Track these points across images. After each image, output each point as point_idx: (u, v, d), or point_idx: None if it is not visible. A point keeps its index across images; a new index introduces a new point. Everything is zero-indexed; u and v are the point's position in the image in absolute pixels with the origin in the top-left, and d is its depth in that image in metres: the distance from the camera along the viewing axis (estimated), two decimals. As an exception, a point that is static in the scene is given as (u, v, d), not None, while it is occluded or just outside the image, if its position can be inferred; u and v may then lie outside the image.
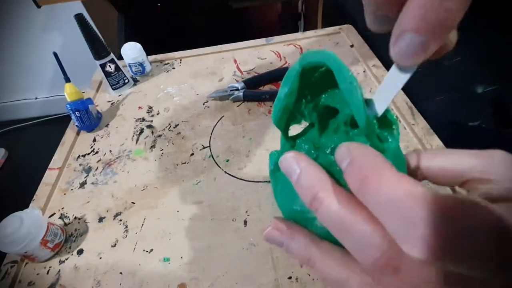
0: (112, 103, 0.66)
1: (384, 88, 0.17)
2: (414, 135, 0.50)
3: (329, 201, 0.15)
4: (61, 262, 0.42)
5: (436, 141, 0.48)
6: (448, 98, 0.53)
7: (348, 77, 0.16)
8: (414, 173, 0.18)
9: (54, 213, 0.47)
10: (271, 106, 0.59)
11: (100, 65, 0.63)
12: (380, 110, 0.17)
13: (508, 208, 0.13)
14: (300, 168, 0.16)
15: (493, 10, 0.46)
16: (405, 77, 0.16)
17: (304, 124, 0.22)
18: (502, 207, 0.13)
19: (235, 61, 0.71)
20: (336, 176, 0.16)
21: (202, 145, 0.54)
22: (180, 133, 0.57)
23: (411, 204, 0.12)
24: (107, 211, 0.46)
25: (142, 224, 0.44)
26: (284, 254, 0.38)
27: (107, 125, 0.60)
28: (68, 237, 0.44)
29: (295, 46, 0.72)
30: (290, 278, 0.36)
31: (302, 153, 0.17)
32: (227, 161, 0.50)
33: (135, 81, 0.70)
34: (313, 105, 0.20)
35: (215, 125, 0.57)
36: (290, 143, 0.22)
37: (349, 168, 0.15)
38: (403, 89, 0.56)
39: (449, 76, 0.53)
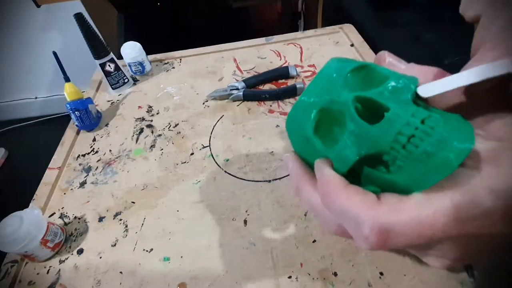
0: (112, 103, 0.65)
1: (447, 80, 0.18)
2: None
3: (304, 191, 0.21)
4: (61, 261, 0.42)
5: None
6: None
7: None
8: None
9: (54, 213, 0.47)
10: (271, 106, 0.59)
11: (100, 64, 0.63)
12: (425, 92, 0.18)
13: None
14: (289, 166, 0.22)
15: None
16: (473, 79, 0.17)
17: None
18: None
19: (235, 60, 0.71)
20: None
21: (202, 145, 0.53)
22: (180, 132, 0.57)
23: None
24: (107, 210, 0.46)
25: (142, 224, 0.44)
26: (284, 253, 0.39)
27: (107, 125, 0.60)
28: (68, 236, 0.44)
29: (295, 45, 0.72)
30: (290, 277, 0.36)
31: (294, 155, 0.22)
32: (227, 160, 0.50)
33: (135, 81, 0.70)
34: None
35: (215, 124, 0.57)
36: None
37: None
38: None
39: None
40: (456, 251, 0.18)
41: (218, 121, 0.57)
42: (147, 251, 0.41)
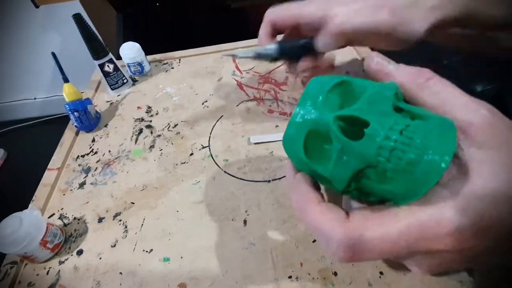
0: (111, 103, 0.65)
1: None
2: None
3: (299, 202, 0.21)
4: (60, 262, 0.41)
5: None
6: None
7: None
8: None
9: (54, 214, 0.47)
10: (270, 106, 0.59)
11: (99, 65, 0.63)
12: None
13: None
14: (287, 176, 0.24)
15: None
16: None
17: None
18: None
19: (234, 60, 0.71)
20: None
21: (202, 145, 0.53)
22: (179, 133, 0.56)
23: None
24: (107, 211, 0.46)
25: (142, 224, 0.44)
26: (284, 253, 0.39)
27: (106, 125, 0.60)
28: (67, 237, 0.44)
29: (294, 45, 0.72)
30: (290, 277, 0.36)
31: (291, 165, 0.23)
32: (227, 160, 0.50)
33: (134, 81, 0.70)
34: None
35: (215, 124, 0.57)
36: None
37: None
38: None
39: (448, 75, 0.53)
40: (430, 263, 0.19)
41: (217, 121, 0.57)
42: (147, 251, 0.41)
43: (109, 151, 0.55)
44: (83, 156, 0.55)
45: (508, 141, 0.17)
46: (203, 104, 0.61)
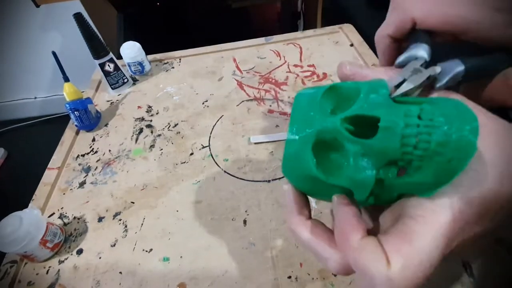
0: (111, 103, 0.65)
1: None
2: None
3: (289, 223, 0.21)
4: (60, 262, 0.41)
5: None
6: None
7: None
8: None
9: (54, 213, 0.47)
10: (270, 106, 0.59)
11: (99, 64, 0.63)
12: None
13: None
14: (287, 199, 0.21)
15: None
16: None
17: None
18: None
19: (234, 60, 0.71)
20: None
21: (202, 145, 0.53)
22: (179, 132, 0.56)
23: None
24: (107, 210, 0.46)
25: (142, 224, 0.44)
26: (283, 253, 0.38)
27: (106, 125, 0.60)
28: (67, 236, 0.44)
29: (294, 45, 0.72)
30: (289, 277, 0.36)
31: (292, 190, 0.21)
32: (227, 160, 0.50)
33: (134, 81, 0.70)
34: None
35: (215, 124, 0.57)
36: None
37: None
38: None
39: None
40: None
41: (217, 121, 0.57)
42: (146, 251, 0.41)
43: (109, 150, 0.55)
44: (83, 155, 0.55)
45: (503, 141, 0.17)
46: (203, 103, 0.61)
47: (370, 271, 0.16)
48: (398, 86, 0.19)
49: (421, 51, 0.21)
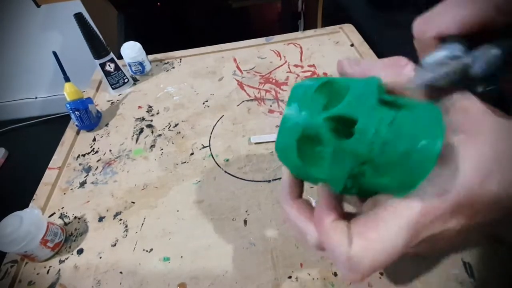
0: (112, 103, 0.65)
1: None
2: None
3: (280, 199, 0.23)
4: (61, 261, 0.42)
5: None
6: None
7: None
8: None
9: (54, 213, 0.47)
10: (271, 106, 0.59)
11: (100, 64, 0.63)
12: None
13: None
14: (282, 179, 0.24)
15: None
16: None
17: None
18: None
19: (235, 60, 0.71)
20: None
21: (202, 145, 0.53)
22: (180, 132, 0.56)
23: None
24: (107, 210, 0.46)
25: (142, 224, 0.44)
26: (284, 253, 0.39)
27: (107, 125, 0.60)
28: (68, 236, 0.44)
29: (295, 45, 0.72)
30: (290, 277, 0.36)
31: (286, 172, 0.24)
32: (227, 160, 0.50)
33: (135, 81, 0.70)
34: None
35: (215, 124, 0.57)
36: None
37: None
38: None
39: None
40: (427, 246, 0.19)
41: (218, 121, 0.57)
42: (147, 251, 0.41)
43: (110, 150, 0.55)
44: (84, 155, 0.55)
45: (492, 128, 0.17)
46: (203, 103, 0.61)
47: (334, 249, 0.18)
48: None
49: (452, 49, 0.18)
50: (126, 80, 0.67)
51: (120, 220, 0.45)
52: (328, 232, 0.18)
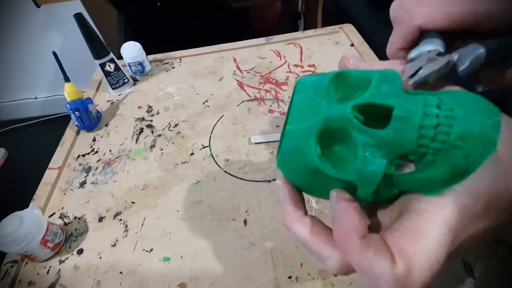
0: (111, 103, 0.65)
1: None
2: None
3: (284, 219, 0.20)
4: (61, 261, 0.42)
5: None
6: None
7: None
8: None
9: (54, 213, 0.47)
10: (271, 106, 0.59)
11: (100, 64, 0.63)
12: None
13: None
14: (280, 196, 0.21)
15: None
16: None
17: None
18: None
19: (235, 60, 0.71)
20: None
21: (202, 145, 0.53)
22: (180, 132, 0.56)
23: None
24: (107, 210, 0.46)
25: (142, 224, 0.44)
26: (284, 253, 0.38)
27: (106, 125, 0.60)
28: (68, 236, 0.44)
29: (295, 45, 0.72)
30: (290, 277, 0.36)
31: (286, 183, 0.20)
32: (227, 160, 0.50)
33: (135, 81, 0.70)
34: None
35: (215, 124, 0.57)
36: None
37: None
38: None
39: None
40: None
41: (218, 121, 0.57)
42: (147, 251, 0.41)
43: (110, 150, 0.55)
44: (83, 155, 0.55)
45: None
46: (203, 103, 0.61)
47: (374, 271, 0.15)
48: (413, 75, 0.18)
49: (434, 44, 0.19)
50: (126, 80, 0.67)
51: (120, 220, 0.45)
52: (362, 253, 0.15)
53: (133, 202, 0.47)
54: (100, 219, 0.45)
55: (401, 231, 0.16)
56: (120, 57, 0.68)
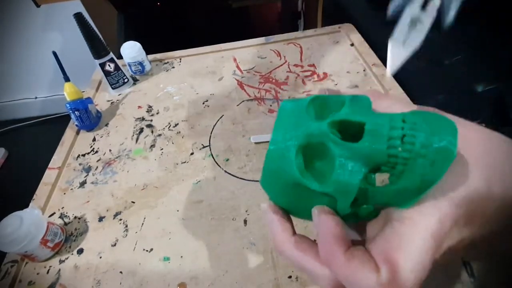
0: (111, 103, 0.65)
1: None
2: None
3: (274, 242, 0.20)
4: (61, 261, 0.42)
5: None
6: (448, 97, 0.54)
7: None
8: None
9: (54, 213, 0.47)
10: (271, 106, 0.59)
11: (100, 64, 0.63)
12: None
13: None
14: (268, 219, 0.21)
15: (493, 9, 0.46)
16: None
17: None
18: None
19: (235, 60, 0.71)
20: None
21: (202, 145, 0.53)
22: (180, 132, 0.56)
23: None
24: (107, 210, 0.46)
25: (142, 224, 0.44)
26: (284, 253, 0.39)
27: (106, 125, 0.60)
28: (68, 236, 0.44)
29: (295, 45, 0.72)
30: (290, 277, 0.36)
31: (272, 206, 0.21)
32: (227, 160, 0.50)
33: (135, 80, 0.70)
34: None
35: (215, 124, 0.57)
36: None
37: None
38: (403, 88, 0.56)
39: (449, 75, 0.53)
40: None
41: (218, 121, 0.57)
42: (147, 251, 0.41)
43: (110, 150, 0.55)
44: (83, 155, 0.55)
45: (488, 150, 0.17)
46: (203, 103, 0.61)
47: (361, 283, 0.15)
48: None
49: None
50: (126, 80, 0.67)
51: (120, 220, 0.45)
52: (346, 266, 0.16)
53: (133, 202, 0.47)
54: (100, 219, 0.45)
55: (385, 239, 0.16)
56: (120, 56, 0.68)
